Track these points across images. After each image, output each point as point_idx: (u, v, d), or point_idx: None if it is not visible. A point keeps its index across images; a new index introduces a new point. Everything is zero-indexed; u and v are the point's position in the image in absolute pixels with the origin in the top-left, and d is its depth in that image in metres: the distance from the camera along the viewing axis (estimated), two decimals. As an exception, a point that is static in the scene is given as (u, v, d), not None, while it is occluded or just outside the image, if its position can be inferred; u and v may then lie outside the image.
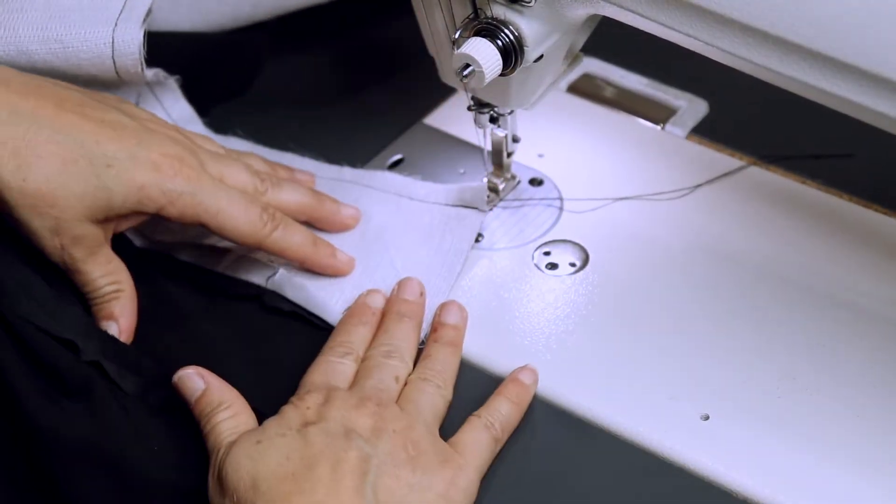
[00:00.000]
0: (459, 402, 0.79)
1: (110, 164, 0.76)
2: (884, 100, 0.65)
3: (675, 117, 0.98)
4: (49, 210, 0.75)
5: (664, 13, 0.71)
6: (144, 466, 0.72)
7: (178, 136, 0.81)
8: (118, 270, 0.80)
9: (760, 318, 0.82)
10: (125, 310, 0.80)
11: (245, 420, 0.73)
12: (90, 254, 0.78)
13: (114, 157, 0.76)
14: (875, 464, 0.74)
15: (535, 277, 0.86)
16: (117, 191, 0.76)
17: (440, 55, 0.85)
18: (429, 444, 0.71)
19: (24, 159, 0.74)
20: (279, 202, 0.83)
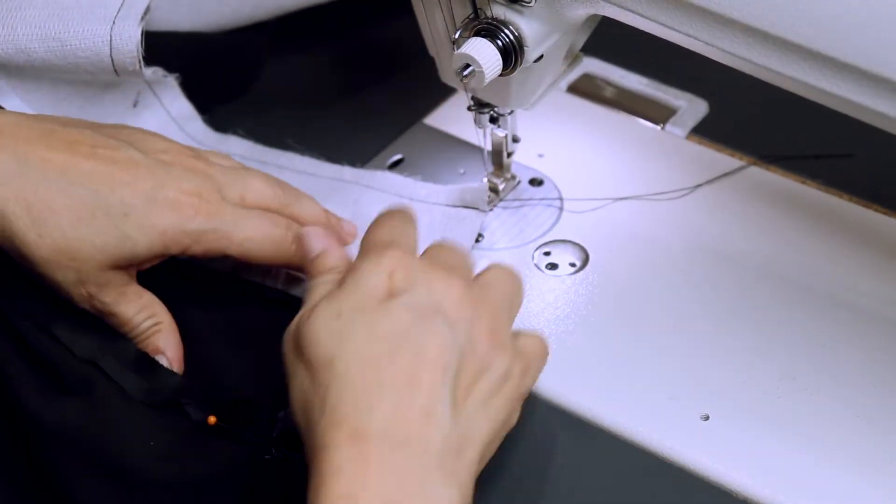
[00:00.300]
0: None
1: (127, 213, 0.74)
2: (884, 100, 0.65)
3: (675, 117, 0.98)
4: (70, 263, 0.74)
5: (664, 13, 0.71)
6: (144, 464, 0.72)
7: (193, 165, 0.79)
8: (152, 304, 0.78)
9: (760, 318, 0.82)
10: (169, 341, 0.78)
11: None
12: (120, 295, 0.76)
13: (131, 205, 0.74)
14: (875, 464, 0.74)
15: (535, 277, 0.86)
16: (139, 240, 0.75)
17: (440, 55, 0.84)
18: (508, 339, 0.69)
19: (39, 214, 0.73)
20: (300, 215, 0.81)
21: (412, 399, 0.63)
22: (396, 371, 0.64)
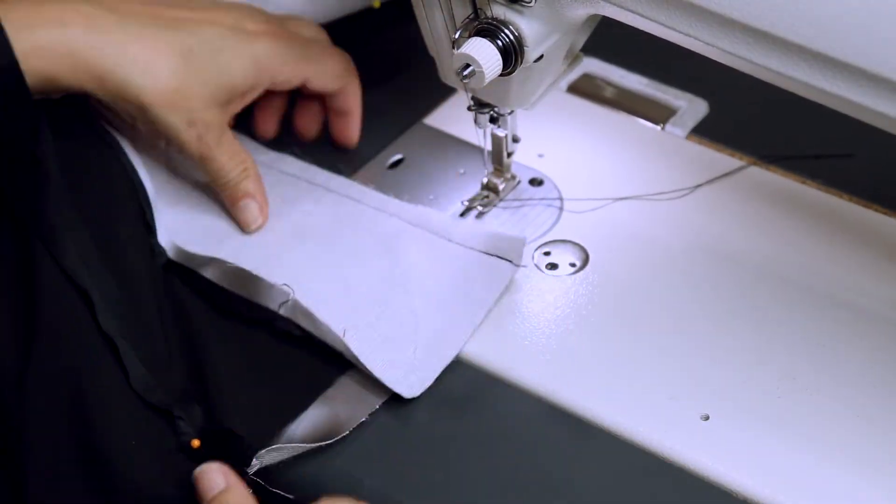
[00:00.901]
0: (459, 402, 0.79)
1: (221, 48, 0.80)
2: (884, 100, 0.65)
3: (675, 117, 0.98)
4: (183, 103, 0.79)
5: (664, 13, 0.71)
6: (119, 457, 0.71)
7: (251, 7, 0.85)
8: (242, 151, 0.84)
9: (760, 318, 0.82)
10: (258, 187, 0.84)
11: None
12: (219, 140, 0.82)
13: (222, 39, 0.80)
14: (875, 464, 0.74)
15: (535, 277, 0.86)
16: (235, 70, 0.81)
17: (440, 55, 0.84)
18: None
19: (146, 61, 0.78)
20: None
21: None
22: None
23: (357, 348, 0.78)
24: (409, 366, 0.79)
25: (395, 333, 0.81)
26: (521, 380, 0.79)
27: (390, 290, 0.83)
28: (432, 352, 0.80)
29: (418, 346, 0.80)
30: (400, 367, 0.79)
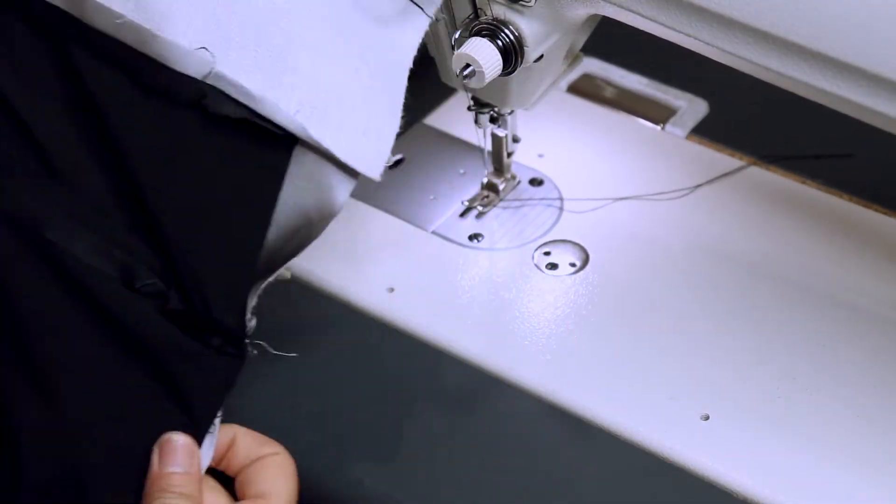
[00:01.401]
0: (459, 402, 0.79)
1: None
2: (884, 100, 0.65)
3: (675, 117, 0.98)
4: None
5: (664, 13, 0.71)
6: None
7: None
8: None
9: (760, 317, 0.82)
10: None
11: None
12: None
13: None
14: (875, 464, 0.74)
15: (535, 277, 0.86)
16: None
17: (440, 55, 0.85)
18: None
19: None
20: None
21: None
22: None
23: (314, 131, 0.70)
24: (362, 126, 0.71)
25: (336, 86, 0.71)
26: (521, 380, 0.79)
27: (319, 24, 0.73)
28: (381, 104, 0.72)
29: (366, 98, 0.72)
30: (352, 128, 0.71)
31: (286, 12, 0.71)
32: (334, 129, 0.70)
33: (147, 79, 0.69)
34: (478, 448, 0.76)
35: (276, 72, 0.70)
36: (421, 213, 0.91)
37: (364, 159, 0.71)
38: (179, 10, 0.69)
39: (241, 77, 0.69)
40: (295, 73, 0.70)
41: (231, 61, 0.69)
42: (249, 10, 0.70)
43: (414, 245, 0.89)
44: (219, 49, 0.69)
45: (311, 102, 0.70)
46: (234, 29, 0.70)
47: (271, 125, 0.69)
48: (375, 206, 0.91)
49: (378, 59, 0.73)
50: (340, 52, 0.72)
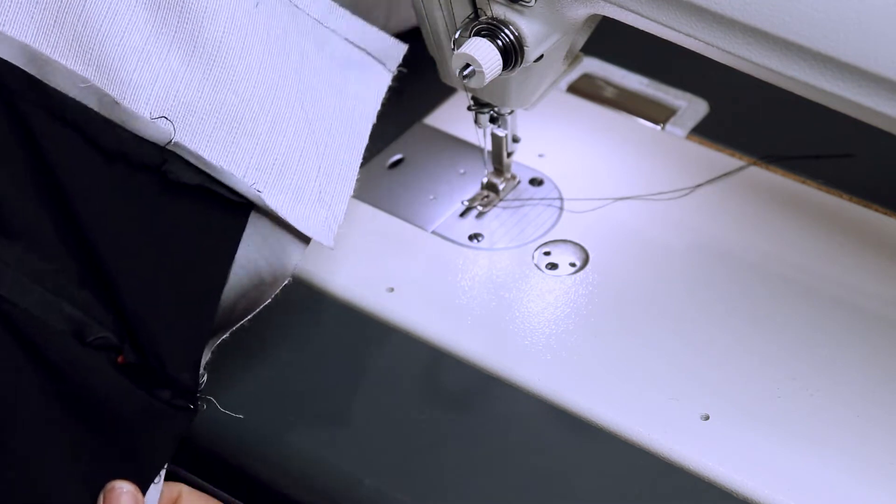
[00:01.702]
0: (459, 402, 0.79)
1: None
2: (884, 100, 0.65)
3: (675, 117, 0.98)
4: None
5: (664, 13, 0.71)
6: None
7: None
8: None
9: (760, 317, 0.82)
10: None
11: None
12: None
13: None
14: (875, 464, 0.74)
15: (535, 277, 0.86)
16: None
17: (440, 55, 0.84)
18: None
19: None
20: None
21: None
22: None
23: (269, 198, 0.72)
24: (315, 195, 0.74)
25: (293, 152, 0.73)
26: (520, 379, 0.79)
27: (276, 90, 0.74)
28: (334, 176, 0.75)
29: (321, 168, 0.74)
30: (307, 197, 0.74)
31: (245, 79, 0.73)
32: (289, 195, 0.73)
33: (107, 142, 0.71)
34: (478, 448, 0.76)
35: (234, 136, 0.72)
36: (421, 213, 0.91)
37: (316, 225, 0.74)
38: (141, 78, 0.72)
39: (200, 144, 0.72)
40: (251, 137, 0.73)
41: (191, 126, 0.72)
42: (209, 78, 0.72)
43: (414, 245, 0.89)
44: (179, 115, 0.71)
45: (268, 167, 0.73)
46: (193, 96, 0.72)
47: (227, 191, 0.71)
48: (375, 206, 0.91)
49: (337, 122, 0.76)
50: (298, 117, 0.74)
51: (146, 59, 0.72)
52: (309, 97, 0.75)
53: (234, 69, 0.72)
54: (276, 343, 0.82)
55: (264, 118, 0.73)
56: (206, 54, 0.72)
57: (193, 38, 0.72)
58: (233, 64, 0.72)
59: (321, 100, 0.76)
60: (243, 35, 0.73)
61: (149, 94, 0.71)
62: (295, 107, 0.74)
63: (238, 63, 0.72)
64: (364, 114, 0.77)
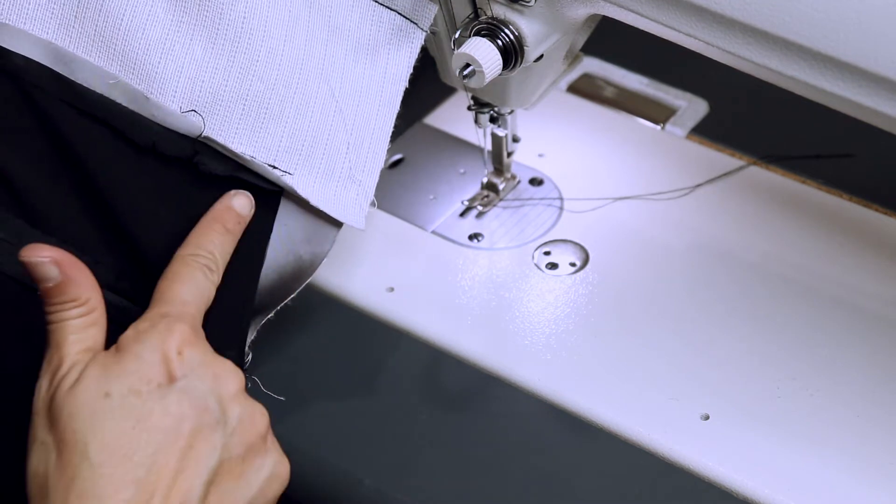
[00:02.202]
0: (459, 402, 0.79)
1: None
2: (884, 100, 0.65)
3: (675, 117, 0.98)
4: None
5: (664, 13, 0.71)
6: None
7: None
8: None
9: (760, 317, 0.82)
10: None
11: (97, 333, 0.64)
12: None
13: None
14: (875, 464, 0.74)
15: (535, 277, 0.86)
16: None
17: (440, 55, 0.84)
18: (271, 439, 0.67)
19: None
20: None
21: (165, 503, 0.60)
22: (157, 472, 0.60)
23: (294, 182, 0.72)
24: (346, 172, 0.74)
25: (321, 130, 0.74)
26: (520, 379, 0.79)
27: (301, 71, 0.74)
28: (364, 150, 0.75)
29: (350, 144, 0.74)
30: (337, 175, 0.74)
31: (269, 62, 0.73)
32: (319, 174, 0.73)
33: (138, 137, 0.71)
34: (478, 448, 0.76)
35: (262, 122, 0.72)
36: (421, 213, 0.91)
37: (346, 205, 0.74)
38: (167, 70, 0.72)
39: (229, 133, 0.72)
40: (279, 120, 0.73)
41: (218, 116, 0.72)
42: (234, 65, 0.72)
43: (414, 245, 0.89)
44: (207, 105, 0.72)
45: (297, 149, 0.73)
46: (219, 85, 0.72)
47: (258, 179, 0.72)
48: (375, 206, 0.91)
49: (366, 92, 0.75)
50: (325, 95, 0.74)
51: (170, 51, 0.71)
52: (336, 72, 0.74)
53: (257, 53, 0.72)
54: (275, 343, 0.82)
55: (290, 100, 0.73)
56: (229, 41, 0.72)
57: (215, 25, 0.72)
58: (256, 48, 0.72)
59: (349, 71, 0.75)
60: (264, 17, 0.72)
61: (175, 86, 0.71)
62: (321, 85, 0.74)
63: (261, 46, 0.72)
64: (397, 76, 0.76)
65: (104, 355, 0.63)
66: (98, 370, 0.62)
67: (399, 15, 0.77)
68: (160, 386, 0.62)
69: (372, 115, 0.75)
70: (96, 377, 0.61)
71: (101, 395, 0.61)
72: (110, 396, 0.61)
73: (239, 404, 0.64)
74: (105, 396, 0.61)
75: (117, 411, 0.60)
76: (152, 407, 0.61)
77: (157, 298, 0.66)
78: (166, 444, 0.61)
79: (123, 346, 0.63)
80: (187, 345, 0.63)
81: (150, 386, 0.61)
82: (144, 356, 0.62)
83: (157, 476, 0.60)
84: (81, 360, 0.63)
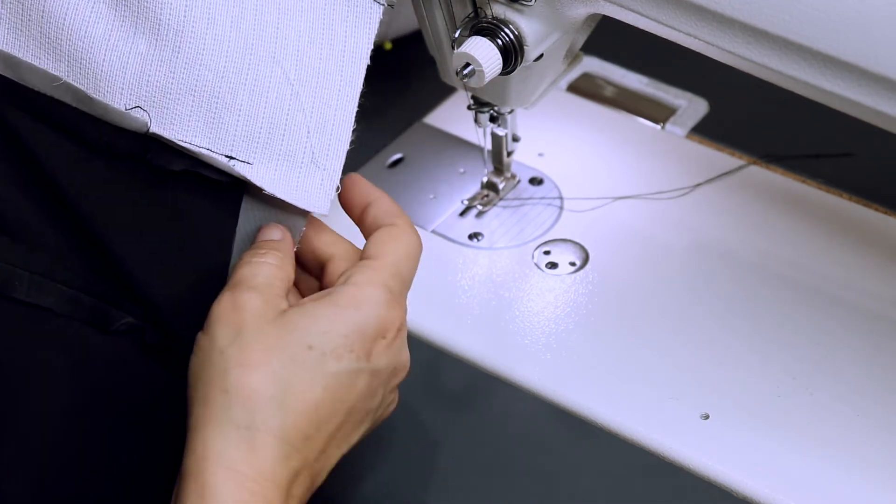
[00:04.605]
0: (459, 401, 0.79)
1: None
2: (884, 99, 0.65)
3: (675, 117, 0.98)
4: None
5: (664, 12, 0.71)
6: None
7: None
8: None
9: (760, 317, 0.82)
10: None
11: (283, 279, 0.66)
12: None
13: None
14: (875, 464, 0.74)
15: (535, 277, 0.86)
16: None
17: (440, 55, 0.84)
18: None
19: None
20: None
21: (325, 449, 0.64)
22: (327, 430, 0.63)
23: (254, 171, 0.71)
24: (308, 157, 0.72)
25: (278, 115, 0.71)
26: (521, 379, 0.79)
27: (248, 49, 0.71)
28: (326, 134, 0.73)
29: (310, 126, 0.72)
30: (299, 161, 0.72)
31: (215, 50, 0.71)
32: (280, 161, 0.71)
33: (90, 136, 0.70)
34: (477, 447, 0.76)
35: (214, 112, 0.71)
36: (421, 213, 0.91)
37: (311, 192, 0.72)
38: (112, 67, 0.70)
39: (181, 127, 0.70)
40: (232, 110, 0.71)
41: (168, 110, 0.70)
42: (179, 57, 0.71)
43: (414, 244, 0.89)
44: (156, 100, 0.70)
45: (254, 137, 0.71)
46: (166, 78, 0.71)
47: (215, 173, 0.70)
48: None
49: (325, 73, 0.73)
50: (279, 79, 0.72)
51: (113, 47, 0.70)
52: (289, 54, 0.73)
53: (203, 42, 0.71)
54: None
55: (242, 87, 0.71)
56: (172, 31, 0.70)
57: (157, 16, 0.70)
58: (201, 36, 0.70)
59: (304, 53, 0.73)
60: (207, 4, 0.71)
61: (122, 82, 0.70)
62: (274, 68, 0.72)
63: (206, 34, 0.70)
64: (356, 54, 0.74)
65: (319, 304, 0.64)
66: (299, 322, 0.63)
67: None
68: (358, 359, 0.64)
69: (332, 97, 0.73)
70: (300, 329, 0.63)
71: (305, 348, 0.63)
72: (314, 350, 0.63)
73: (395, 393, 0.68)
74: (308, 348, 0.63)
75: (312, 367, 0.62)
76: (345, 380, 0.63)
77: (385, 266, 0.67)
78: (341, 410, 0.63)
79: (343, 300, 0.65)
80: (401, 330, 0.66)
81: (351, 356, 0.63)
82: (361, 323, 0.64)
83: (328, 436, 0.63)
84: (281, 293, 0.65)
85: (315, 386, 0.62)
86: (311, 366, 0.63)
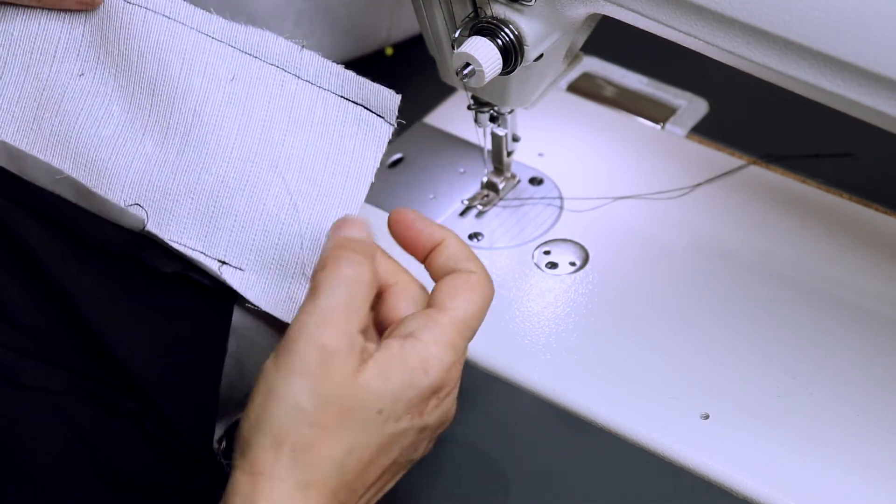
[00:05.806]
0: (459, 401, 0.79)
1: None
2: (884, 99, 0.65)
3: (675, 117, 0.98)
4: None
5: (664, 12, 0.71)
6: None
7: None
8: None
9: (760, 317, 0.82)
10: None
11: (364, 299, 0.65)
12: None
13: None
14: (875, 464, 0.74)
15: (535, 277, 0.86)
16: None
17: (440, 55, 0.84)
18: None
19: None
20: None
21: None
22: (370, 481, 0.64)
23: (245, 279, 0.71)
24: (299, 269, 0.72)
25: (274, 224, 0.72)
26: (521, 379, 0.79)
27: (251, 159, 0.72)
28: (320, 245, 0.72)
29: (304, 239, 0.72)
30: (290, 272, 0.72)
31: (219, 156, 0.72)
32: (272, 271, 0.71)
33: (86, 233, 0.71)
34: (477, 446, 0.76)
35: (211, 216, 0.71)
36: (421, 212, 0.91)
37: (296, 305, 0.71)
38: (116, 166, 0.71)
39: (177, 228, 0.71)
40: (229, 215, 0.71)
41: (166, 210, 0.71)
42: (182, 159, 0.72)
43: (414, 244, 0.89)
44: (154, 200, 0.71)
45: (248, 244, 0.71)
46: (167, 179, 0.71)
47: (206, 278, 0.71)
48: (375, 206, 0.91)
49: (327, 187, 0.73)
50: (279, 190, 0.72)
51: (121, 147, 0.71)
52: (293, 165, 0.73)
53: (206, 147, 0.72)
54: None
55: (241, 193, 0.72)
56: (179, 135, 0.71)
57: (165, 119, 0.72)
58: (206, 142, 0.71)
59: (308, 165, 0.73)
60: (216, 111, 0.72)
61: (123, 181, 0.71)
62: (274, 178, 0.73)
63: (211, 140, 0.71)
64: (361, 172, 0.74)
65: (393, 365, 0.63)
66: (381, 383, 0.63)
67: (365, 109, 0.75)
68: (412, 418, 0.64)
69: (331, 213, 0.73)
70: (379, 391, 0.63)
71: (376, 412, 0.62)
72: (382, 413, 0.63)
73: (433, 442, 0.68)
74: (378, 413, 0.62)
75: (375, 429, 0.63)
76: (396, 435, 0.64)
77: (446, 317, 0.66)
78: (381, 466, 0.64)
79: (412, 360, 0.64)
80: (455, 387, 0.66)
81: (408, 417, 0.64)
82: (426, 388, 0.64)
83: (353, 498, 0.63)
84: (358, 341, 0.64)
85: (371, 445, 0.63)
86: (374, 429, 0.63)
